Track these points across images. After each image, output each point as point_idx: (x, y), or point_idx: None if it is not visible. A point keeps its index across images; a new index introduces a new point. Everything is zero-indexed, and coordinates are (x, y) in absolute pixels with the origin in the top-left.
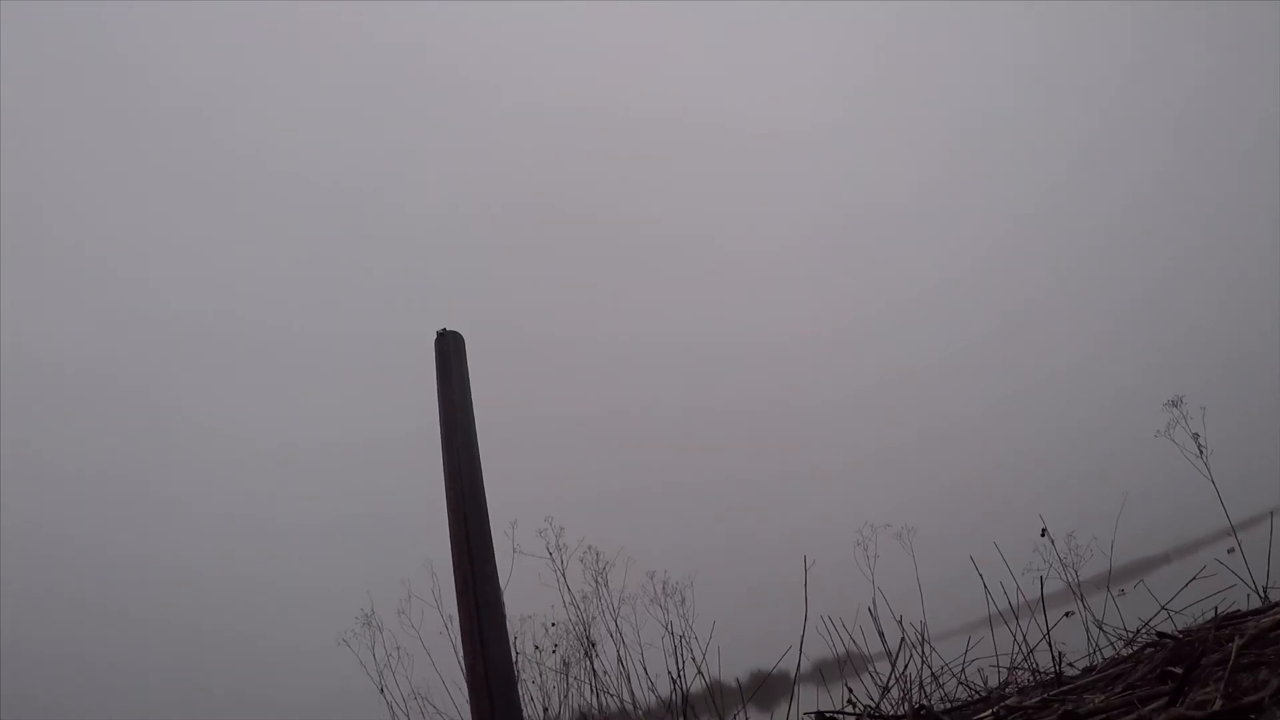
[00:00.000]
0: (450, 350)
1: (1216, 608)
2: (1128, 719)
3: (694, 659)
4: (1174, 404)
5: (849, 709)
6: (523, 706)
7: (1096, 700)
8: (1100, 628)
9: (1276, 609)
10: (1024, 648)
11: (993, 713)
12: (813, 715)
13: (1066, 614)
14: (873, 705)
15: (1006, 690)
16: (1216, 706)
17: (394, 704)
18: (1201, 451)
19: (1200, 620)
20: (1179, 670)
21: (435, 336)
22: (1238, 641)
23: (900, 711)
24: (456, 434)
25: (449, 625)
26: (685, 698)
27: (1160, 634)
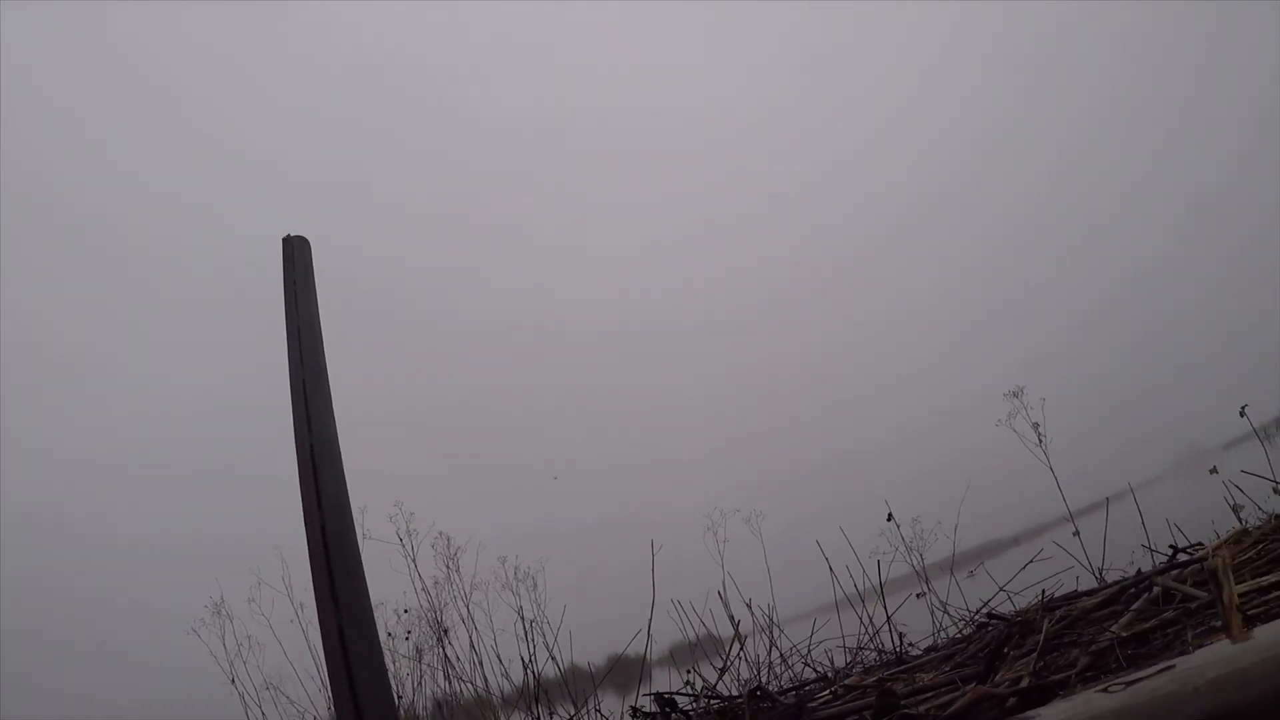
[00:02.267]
0: (295, 254)
1: (1044, 590)
2: (945, 697)
3: (546, 644)
4: (1015, 394)
5: (687, 690)
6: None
7: (926, 678)
8: (945, 609)
9: (1105, 590)
10: (870, 629)
11: (831, 692)
12: (651, 697)
13: (918, 595)
14: (710, 686)
15: (852, 670)
16: (1024, 684)
17: (245, 694)
18: (1041, 440)
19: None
20: (1005, 649)
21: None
22: (1048, 623)
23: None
24: (301, 342)
25: (300, 613)
26: (538, 682)
27: (991, 614)
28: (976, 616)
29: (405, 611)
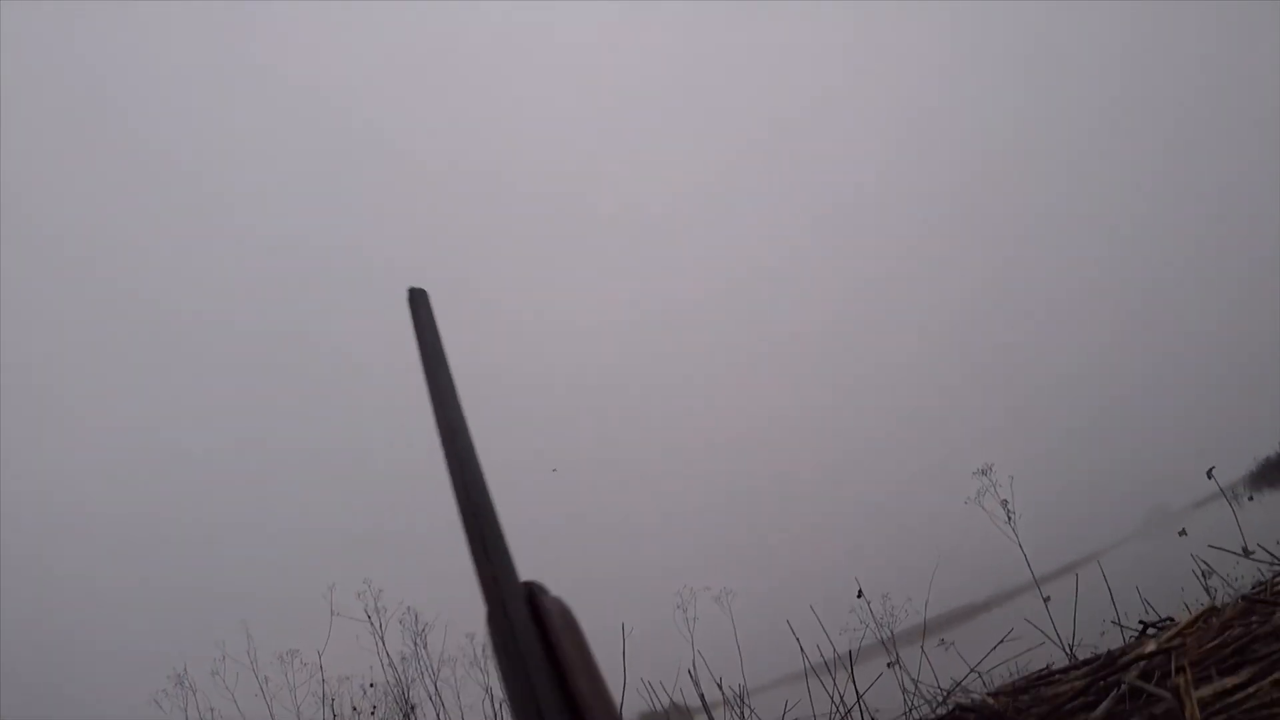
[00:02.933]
0: (418, 307)
1: (1012, 671)
2: None
3: None
4: (983, 472)
5: None
6: None
7: None
8: (916, 685)
9: (1075, 671)
10: (840, 708)
11: None
12: None
13: (889, 664)
14: None
15: None
16: None
17: None
18: (1010, 518)
19: (1010, 678)
20: None
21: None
22: None
23: None
24: (439, 388)
25: (264, 687)
26: None
27: (961, 706)
28: (950, 697)
29: (372, 686)
